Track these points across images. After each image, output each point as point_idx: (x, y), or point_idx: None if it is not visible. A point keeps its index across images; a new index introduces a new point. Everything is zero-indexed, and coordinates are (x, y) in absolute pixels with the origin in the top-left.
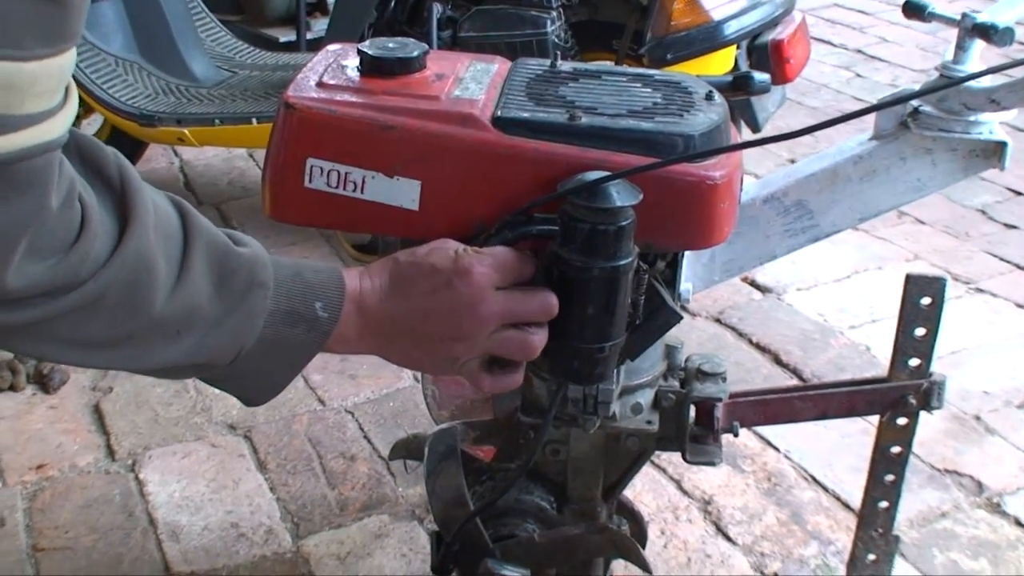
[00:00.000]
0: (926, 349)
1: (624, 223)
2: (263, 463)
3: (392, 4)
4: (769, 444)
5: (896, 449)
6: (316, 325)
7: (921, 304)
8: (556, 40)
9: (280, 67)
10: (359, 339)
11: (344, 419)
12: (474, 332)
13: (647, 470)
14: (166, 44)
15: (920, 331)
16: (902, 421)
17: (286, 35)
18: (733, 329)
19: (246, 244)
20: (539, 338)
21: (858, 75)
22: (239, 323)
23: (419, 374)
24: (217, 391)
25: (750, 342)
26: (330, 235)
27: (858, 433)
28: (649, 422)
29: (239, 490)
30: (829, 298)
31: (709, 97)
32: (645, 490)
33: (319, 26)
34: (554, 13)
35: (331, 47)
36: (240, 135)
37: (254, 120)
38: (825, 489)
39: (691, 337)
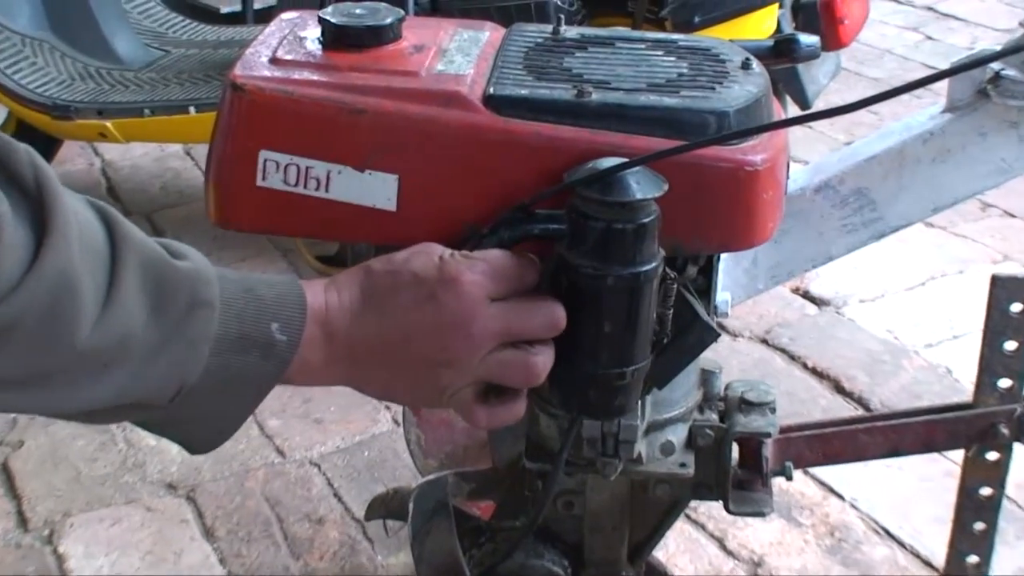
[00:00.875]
0: (1018, 366)
1: (646, 220)
2: (210, 530)
3: None
4: (831, 491)
5: (986, 491)
6: (272, 351)
7: (1011, 312)
8: (559, 2)
9: (223, 43)
10: (325, 367)
11: (309, 473)
12: (465, 354)
13: (681, 525)
14: (83, 18)
15: (1011, 345)
16: (992, 456)
17: (229, 5)
18: (783, 351)
19: (186, 257)
20: (544, 359)
21: (928, 37)
22: (180, 352)
23: (400, 416)
24: (153, 440)
25: (804, 367)
26: (289, 246)
27: (940, 475)
28: (683, 465)
29: (181, 563)
30: (900, 311)
31: (746, 66)
32: (680, 551)
33: None
34: None
35: (286, 16)
36: (175, 128)
37: (192, 109)
38: (901, 544)
39: (732, 363)
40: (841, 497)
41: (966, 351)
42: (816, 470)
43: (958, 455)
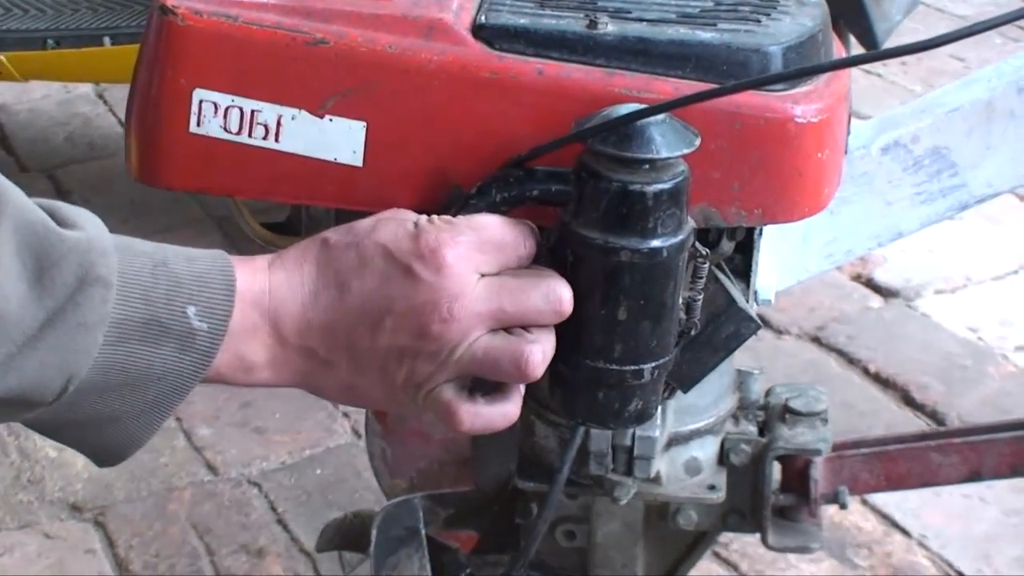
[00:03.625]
0: None
1: (671, 182)
2: (123, 562)
3: None
4: (894, 524)
5: None
6: (191, 342)
7: None
8: None
9: None
10: (272, 364)
11: (246, 494)
12: (446, 341)
13: (706, 563)
14: None
15: None
16: None
17: None
18: (840, 353)
19: (77, 224)
20: (542, 348)
21: None
22: (66, 338)
23: (362, 425)
24: (54, 451)
25: (866, 372)
26: (228, 212)
27: None
28: (711, 487)
29: None
30: (986, 305)
31: None
32: None
33: None
34: None
35: None
36: (85, 63)
37: (107, 40)
38: None
39: (776, 366)
40: (907, 533)
41: None
42: (877, 500)
43: None
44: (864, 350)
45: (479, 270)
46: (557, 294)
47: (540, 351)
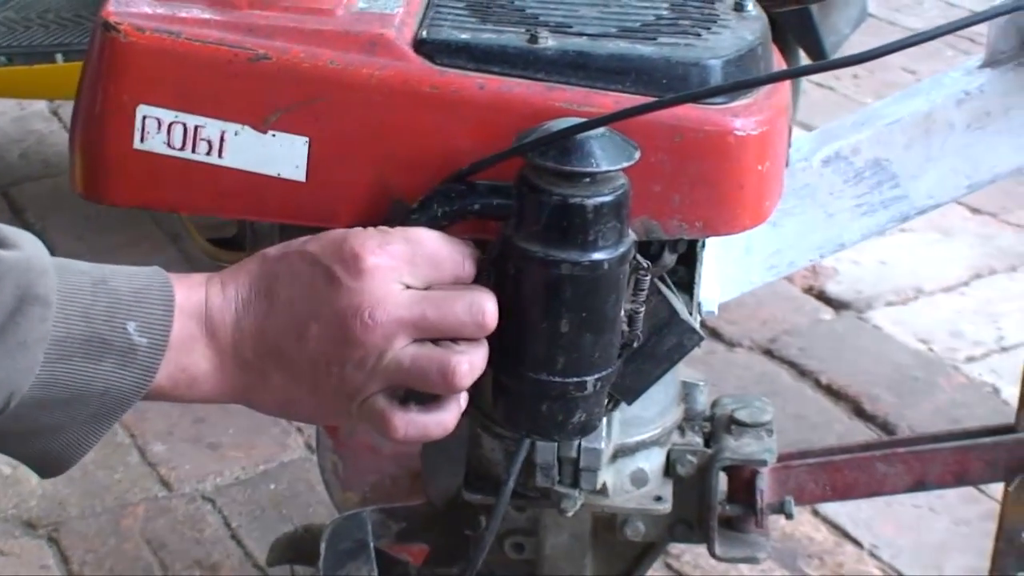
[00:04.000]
0: None
1: (612, 195)
2: None
3: None
4: (846, 535)
5: None
6: (132, 358)
7: None
8: None
9: None
10: (212, 377)
11: (200, 510)
12: (370, 348)
13: (659, 574)
14: None
15: None
16: None
17: None
18: (792, 364)
19: (15, 244)
20: (468, 359)
21: None
22: (6, 356)
23: (314, 439)
24: (7, 468)
25: (817, 384)
26: (176, 228)
27: (979, 518)
28: (658, 498)
29: None
30: (936, 317)
31: (740, 7)
32: None
33: None
34: None
35: None
36: (39, 80)
37: (59, 57)
38: None
39: (727, 378)
40: (858, 544)
41: (1017, 366)
42: (828, 511)
43: (1000, 493)
44: (816, 362)
45: (403, 280)
46: (480, 306)
47: (467, 362)
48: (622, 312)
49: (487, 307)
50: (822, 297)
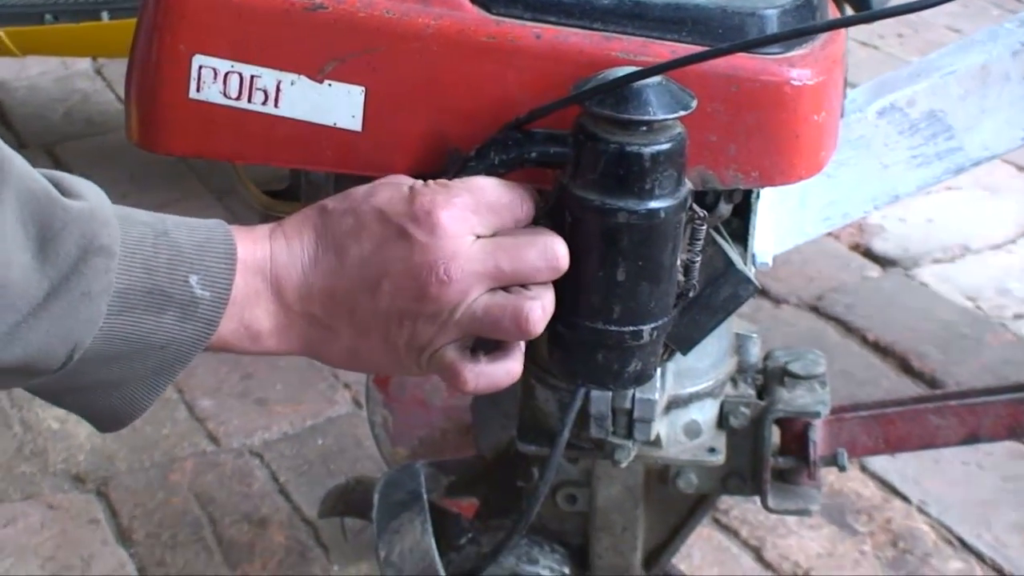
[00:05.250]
0: None
1: (668, 144)
2: (126, 532)
3: None
4: (894, 491)
5: None
6: (193, 311)
7: None
8: None
9: None
10: (276, 331)
11: (249, 465)
12: (445, 302)
13: (709, 531)
14: None
15: None
16: None
17: None
18: (838, 321)
19: (79, 194)
20: (542, 304)
21: None
22: (71, 308)
23: (362, 395)
24: (56, 423)
25: (864, 341)
26: (226, 187)
27: None
28: (711, 450)
29: (91, 572)
30: (985, 273)
31: None
32: (706, 562)
33: None
34: None
35: None
36: (83, 38)
37: (105, 14)
38: (980, 558)
39: (774, 335)
40: (907, 499)
41: None
42: (877, 467)
43: None
44: (862, 319)
45: (474, 231)
46: (553, 250)
47: (540, 307)
48: (678, 262)
49: (559, 251)
50: (869, 254)
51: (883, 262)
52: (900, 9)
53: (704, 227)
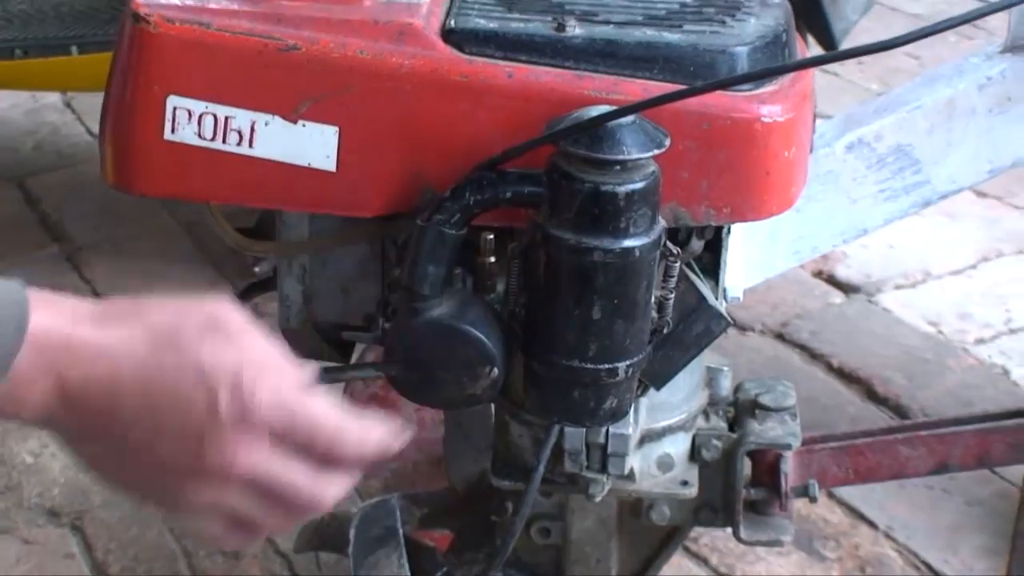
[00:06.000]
0: None
1: (642, 183)
2: (102, 566)
3: None
4: (861, 517)
5: None
6: None
7: None
8: None
9: None
10: (48, 409)
11: None
12: (210, 475)
13: (680, 560)
14: None
15: None
16: None
17: None
18: (803, 348)
19: None
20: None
21: None
22: None
23: None
24: (30, 458)
25: (828, 367)
26: (195, 219)
27: (993, 498)
28: (684, 483)
29: None
30: (946, 299)
31: None
32: None
33: None
34: None
35: None
36: (52, 72)
37: (74, 49)
38: None
39: (740, 362)
40: (874, 525)
41: None
42: (842, 493)
43: (1014, 473)
44: (827, 345)
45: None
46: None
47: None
48: (652, 299)
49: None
50: (832, 281)
51: (846, 288)
52: (868, 48)
53: (677, 264)
